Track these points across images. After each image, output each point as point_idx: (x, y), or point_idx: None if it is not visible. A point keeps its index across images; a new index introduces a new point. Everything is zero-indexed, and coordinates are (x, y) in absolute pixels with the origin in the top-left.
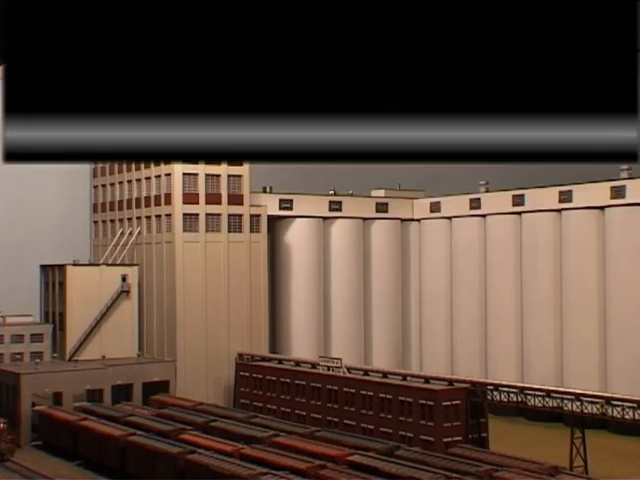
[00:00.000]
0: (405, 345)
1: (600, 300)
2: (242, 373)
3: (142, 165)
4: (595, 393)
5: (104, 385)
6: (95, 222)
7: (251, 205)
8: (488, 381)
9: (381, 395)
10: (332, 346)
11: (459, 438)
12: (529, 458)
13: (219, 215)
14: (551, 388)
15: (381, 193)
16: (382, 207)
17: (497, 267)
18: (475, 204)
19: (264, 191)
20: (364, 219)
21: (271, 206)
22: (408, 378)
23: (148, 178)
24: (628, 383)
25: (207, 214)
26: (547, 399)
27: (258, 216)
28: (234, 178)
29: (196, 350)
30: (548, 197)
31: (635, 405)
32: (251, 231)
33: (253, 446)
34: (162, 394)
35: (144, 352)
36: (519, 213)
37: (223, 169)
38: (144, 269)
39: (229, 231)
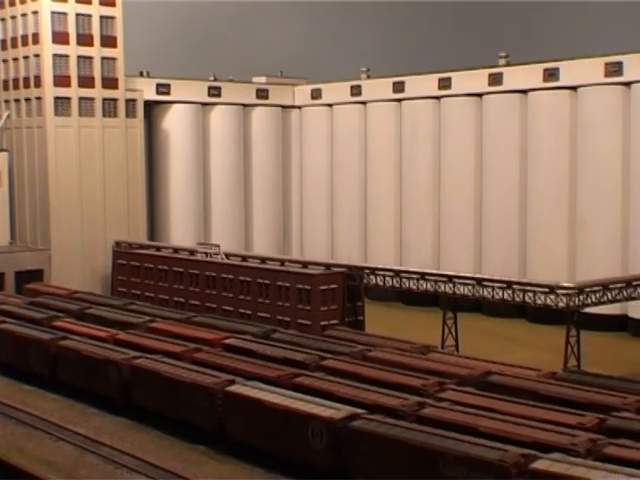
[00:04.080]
0: (286, 232)
1: (477, 186)
2: (119, 261)
3: (9, 44)
4: (467, 275)
5: None
6: None
7: (127, 89)
8: (365, 265)
9: (259, 280)
10: (212, 234)
11: (336, 321)
12: (402, 339)
13: (92, 99)
14: (425, 271)
15: (262, 80)
16: (262, 94)
17: (377, 154)
18: (356, 91)
19: (141, 75)
20: (244, 105)
21: (148, 91)
22: (286, 263)
23: (16, 59)
24: (501, 266)
25: (80, 98)
26: (422, 282)
27: (134, 101)
28: (108, 60)
29: (71, 238)
30: (428, 84)
31: (505, 285)
32: (127, 116)
33: (128, 331)
34: (36, 283)
35: (17, 240)
36: (399, 100)
37: (96, 50)
38: (14, 155)
39: (104, 116)
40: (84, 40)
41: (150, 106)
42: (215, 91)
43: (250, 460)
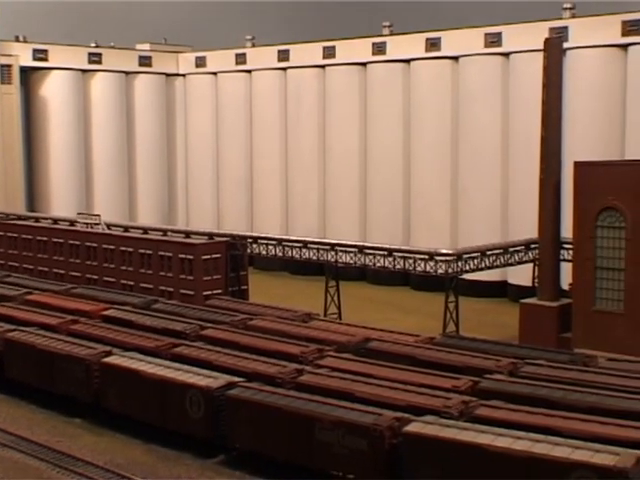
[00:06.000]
0: (172, 202)
1: (361, 154)
2: None
3: None
4: (349, 242)
5: None
6: None
7: (1, 54)
8: (248, 234)
9: (141, 251)
10: (95, 204)
11: (219, 291)
12: (285, 307)
13: None
14: (308, 239)
15: (146, 47)
16: (145, 61)
17: (263, 123)
18: (241, 59)
19: (16, 40)
20: (126, 73)
21: (24, 56)
22: (169, 233)
23: None
24: (385, 234)
25: None
26: (305, 250)
27: (9, 66)
28: None
29: None
30: (312, 52)
31: (386, 253)
32: (2, 82)
33: (2, 304)
34: None
35: None
36: (284, 69)
37: None
38: None
39: None
40: None
41: (27, 72)
42: (96, 57)
43: (127, 432)
